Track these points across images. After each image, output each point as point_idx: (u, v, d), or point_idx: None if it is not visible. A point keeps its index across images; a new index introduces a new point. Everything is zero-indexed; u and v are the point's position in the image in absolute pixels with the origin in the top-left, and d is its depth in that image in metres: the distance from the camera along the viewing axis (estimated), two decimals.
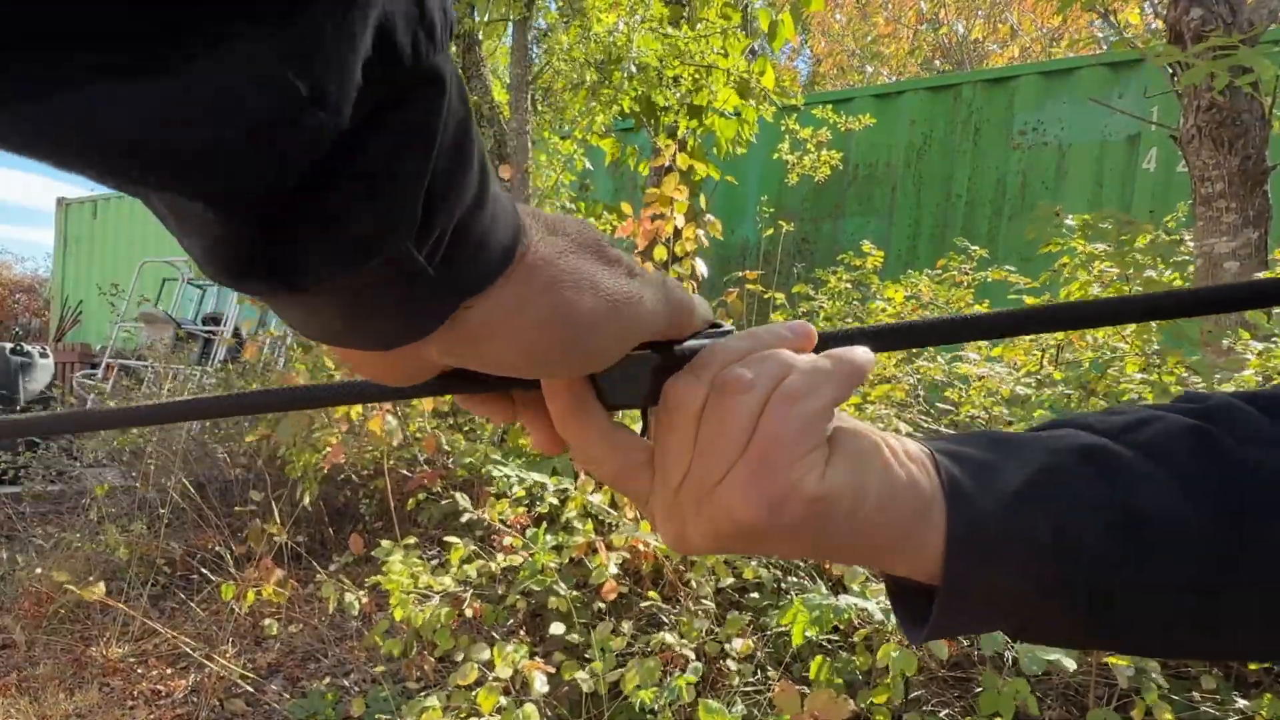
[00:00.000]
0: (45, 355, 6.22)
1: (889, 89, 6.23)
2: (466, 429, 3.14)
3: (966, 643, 1.78)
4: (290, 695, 2.42)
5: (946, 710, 1.74)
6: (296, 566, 2.98)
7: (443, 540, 2.30)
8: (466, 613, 2.01)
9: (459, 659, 1.88)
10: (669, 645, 1.83)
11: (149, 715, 2.40)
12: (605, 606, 2.04)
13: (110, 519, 3.46)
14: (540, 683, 1.76)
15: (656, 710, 1.69)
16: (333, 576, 2.31)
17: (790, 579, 2.10)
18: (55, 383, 6.22)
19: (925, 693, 1.79)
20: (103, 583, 2.42)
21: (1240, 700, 1.55)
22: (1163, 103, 4.56)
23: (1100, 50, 5.59)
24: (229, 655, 2.57)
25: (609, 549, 2.00)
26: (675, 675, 1.72)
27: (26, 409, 5.71)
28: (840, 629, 1.82)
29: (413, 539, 2.18)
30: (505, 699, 1.75)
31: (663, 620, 2.00)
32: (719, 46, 4.59)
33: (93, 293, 9.72)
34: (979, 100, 5.61)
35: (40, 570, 3.16)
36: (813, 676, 1.65)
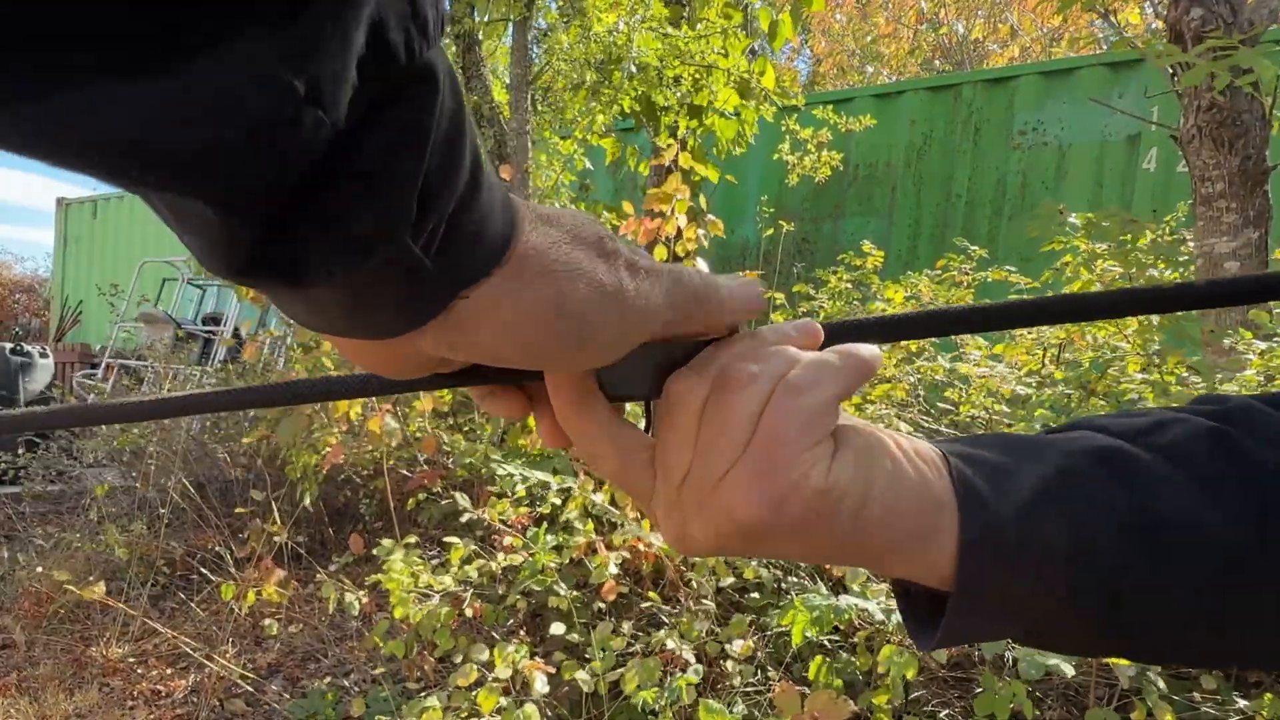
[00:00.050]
0: (45, 355, 6.22)
1: (889, 89, 6.23)
2: (466, 429, 3.13)
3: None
4: (290, 695, 2.42)
5: (947, 711, 1.74)
6: (296, 566, 2.98)
7: (443, 540, 2.30)
8: (466, 613, 2.01)
9: (459, 659, 1.88)
10: (669, 647, 1.83)
11: (149, 715, 2.40)
12: (605, 606, 2.04)
13: (110, 519, 3.46)
14: (540, 683, 1.76)
15: (657, 710, 1.69)
16: (333, 576, 2.31)
17: (790, 579, 2.10)
18: (55, 383, 6.22)
19: (925, 693, 1.79)
20: (102, 582, 2.42)
21: (1241, 701, 1.55)
22: (1163, 103, 4.56)
23: (1100, 50, 5.58)
24: (229, 655, 2.57)
25: (609, 549, 2.00)
26: (676, 675, 1.72)
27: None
28: (841, 629, 1.82)
29: (413, 539, 2.18)
30: (505, 699, 1.75)
31: (663, 620, 2.00)
32: (719, 46, 4.59)
33: (92, 293, 9.72)
34: (979, 100, 5.61)
35: (40, 570, 3.16)
36: (812, 677, 1.65)
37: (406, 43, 0.22)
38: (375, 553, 2.14)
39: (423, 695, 1.80)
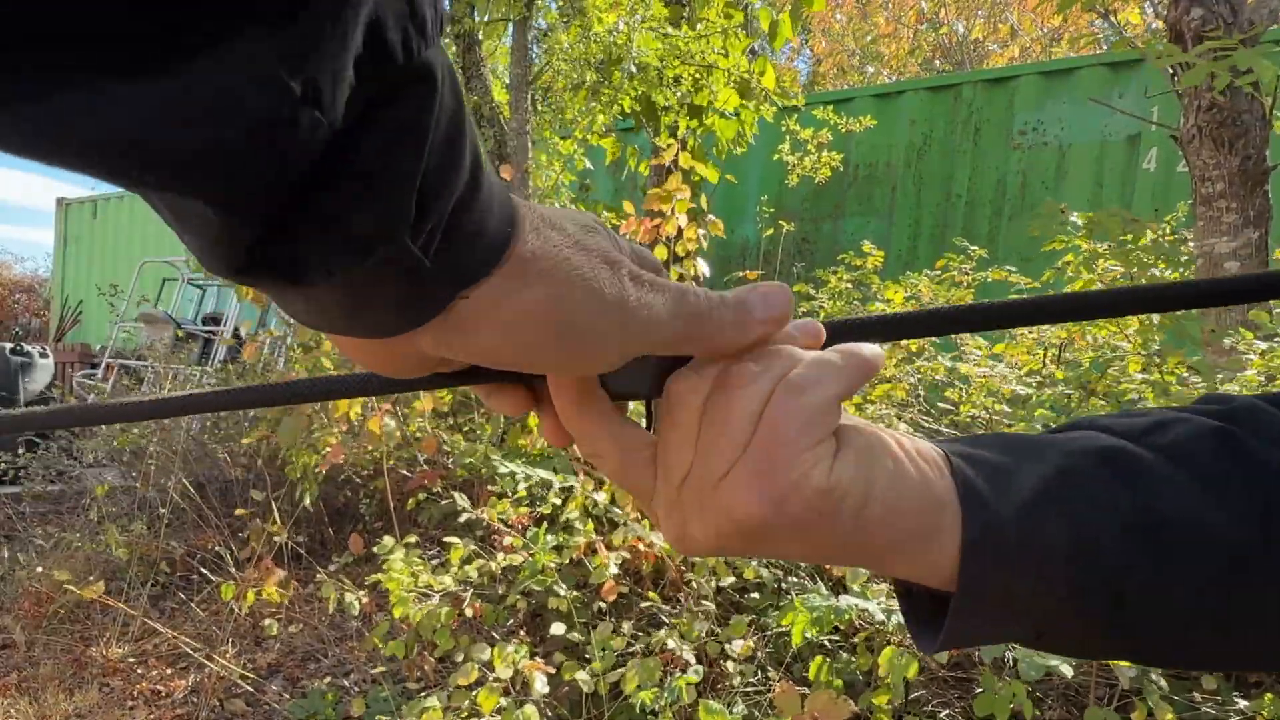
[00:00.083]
0: (45, 355, 6.22)
1: (889, 89, 6.23)
2: (466, 429, 3.13)
3: None
4: (290, 695, 2.42)
5: (947, 711, 1.74)
6: (296, 566, 2.98)
7: (443, 540, 2.30)
8: (466, 613, 2.01)
9: (459, 659, 1.88)
10: (669, 647, 1.83)
11: (149, 715, 2.40)
12: (605, 606, 2.03)
13: (110, 519, 3.46)
14: (540, 683, 1.76)
15: (657, 711, 1.69)
16: (333, 576, 2.31)
17: (791, 579, 2.10)
18: (55, 383, 6.22)
19: (925, 693, 1.79)
20: (102, 582, 2.42)
21: (1241, 701, 1.55)
22: (1163, 103, 4.56)
23: (1100, 50, 5.58)
24: (229, 655, 2.57)
25: (609, 549, 2.00)
26: (675, 675, 1.72)
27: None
28: (841, 630, 1.82)
29: (413, 539, 2.18)
30: (505, 699, 1.75)
31: (663, 620, 2.00)
32: (719, 46, 4.59)
33: (92, 293, 9.72)
34: (979, 100, 5.61)
35: (40, 570, 3.16)
36: (813, 677, 1.65)
37: (404, 42, 0.22)
38: (375, 550, 2.14)
39: (423, 695, 1.80)
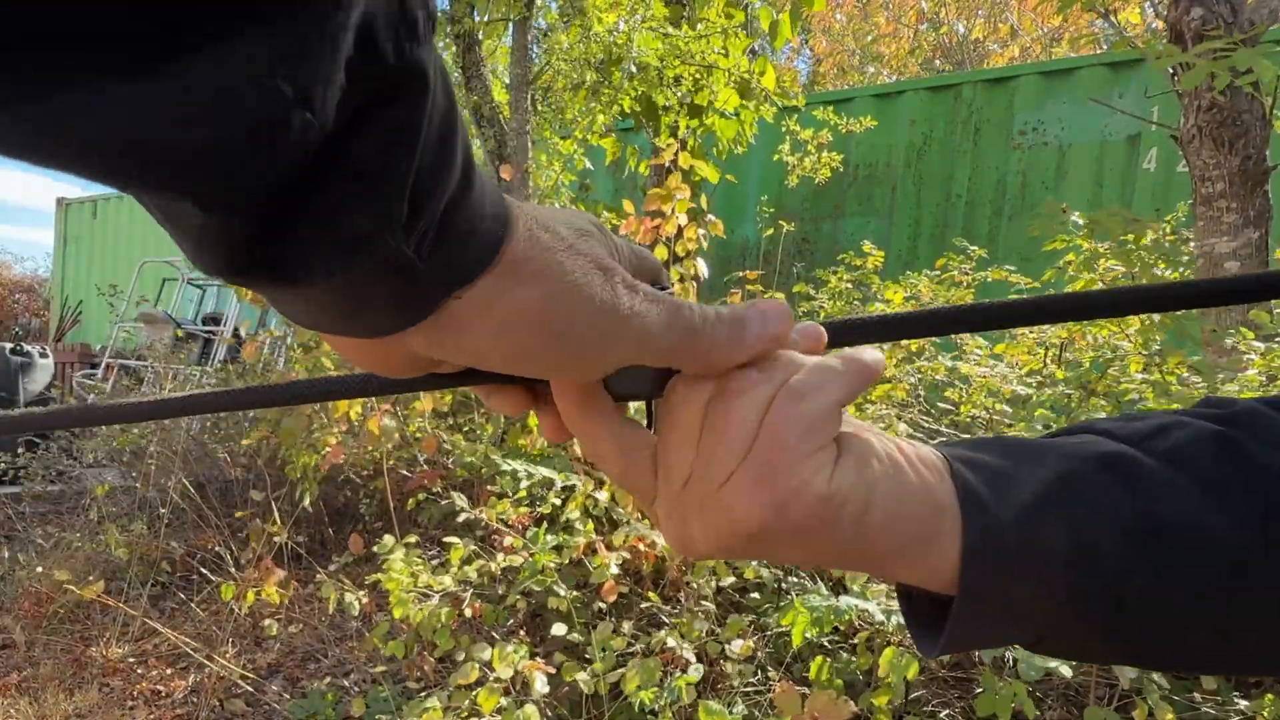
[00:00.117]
0: (45, 355, 6.22)
1: (889, 89, 6.23)
2: (466, 429, 3.13)
3: None
4: (290, 695, 2.42)
5: (947, 711, 1.74)
6: (296, 566, 2.98)
7: (443, 540, 2.30)
8: (466, 613, 2.01)
9: (459, 659, 1.88)
10: (669, 647, 1.83)
11: (149, 715, 2.40)
12: (606, 607, 2.03)
13: (110, 519, 3.46)
14: (540, 683, 1.76)
15: (657, 711, 1.69)
16: (333, 576, 2.31)
17: (791, 579, 2.10)
18: (55, 383, 6.22)
19: (926, 693, 1.79)
20: (102, 582, 2.42)
21: (1241, 701, 1.55)
22: (1163, 103, 4.56)
23: (1100, 50, 5.58)
24: (229, 655, 2.57)
25: (609, 549, 2.00)
26: (675, 675, 1.72)
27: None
28: (841, 630, 1.82)
29: (413, 539, 2.18)
30: (506, 699, 1.75)
31: (663, 620, 2.00)
32: (719, 46, 4.59)
33: (92, 293, 9.72)
34: (979, 100, 5.61)
35: (40, 570, 3.16)
36: (813, 677, 1.65)
37: (395, 42, 0.22)
38: (375, 550, 2.14)
39: (423, 695, 1.80)
